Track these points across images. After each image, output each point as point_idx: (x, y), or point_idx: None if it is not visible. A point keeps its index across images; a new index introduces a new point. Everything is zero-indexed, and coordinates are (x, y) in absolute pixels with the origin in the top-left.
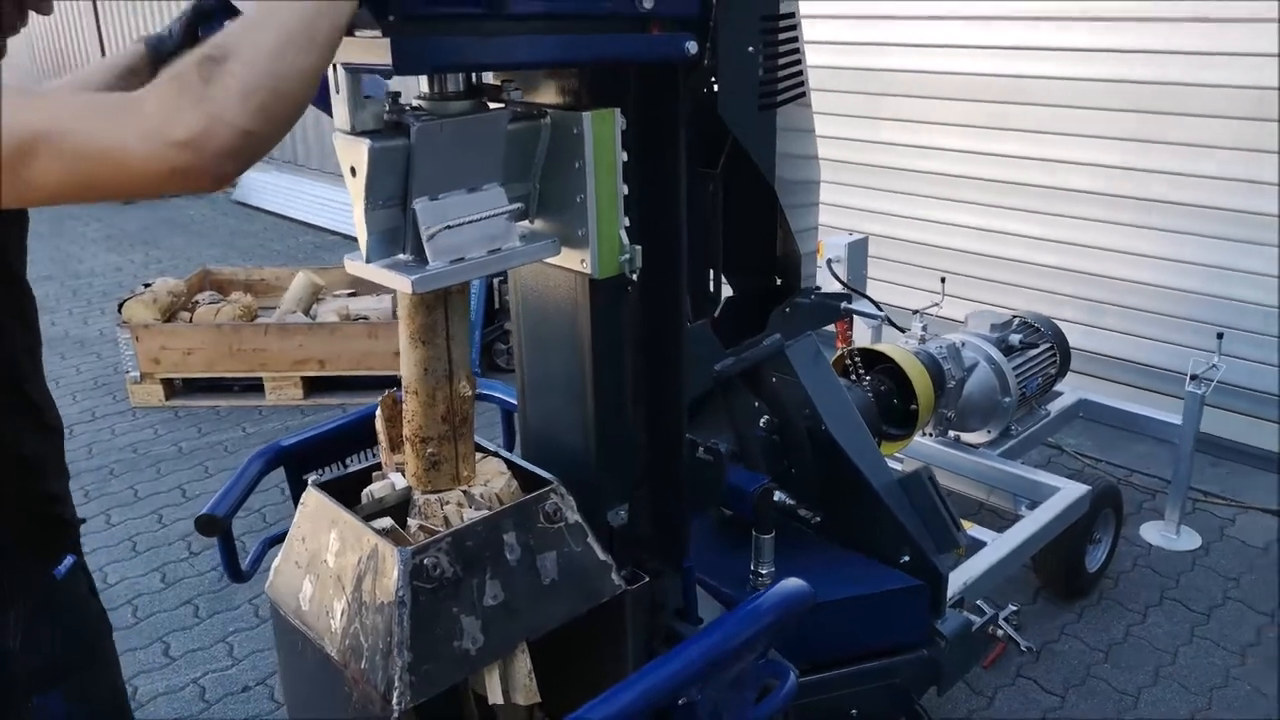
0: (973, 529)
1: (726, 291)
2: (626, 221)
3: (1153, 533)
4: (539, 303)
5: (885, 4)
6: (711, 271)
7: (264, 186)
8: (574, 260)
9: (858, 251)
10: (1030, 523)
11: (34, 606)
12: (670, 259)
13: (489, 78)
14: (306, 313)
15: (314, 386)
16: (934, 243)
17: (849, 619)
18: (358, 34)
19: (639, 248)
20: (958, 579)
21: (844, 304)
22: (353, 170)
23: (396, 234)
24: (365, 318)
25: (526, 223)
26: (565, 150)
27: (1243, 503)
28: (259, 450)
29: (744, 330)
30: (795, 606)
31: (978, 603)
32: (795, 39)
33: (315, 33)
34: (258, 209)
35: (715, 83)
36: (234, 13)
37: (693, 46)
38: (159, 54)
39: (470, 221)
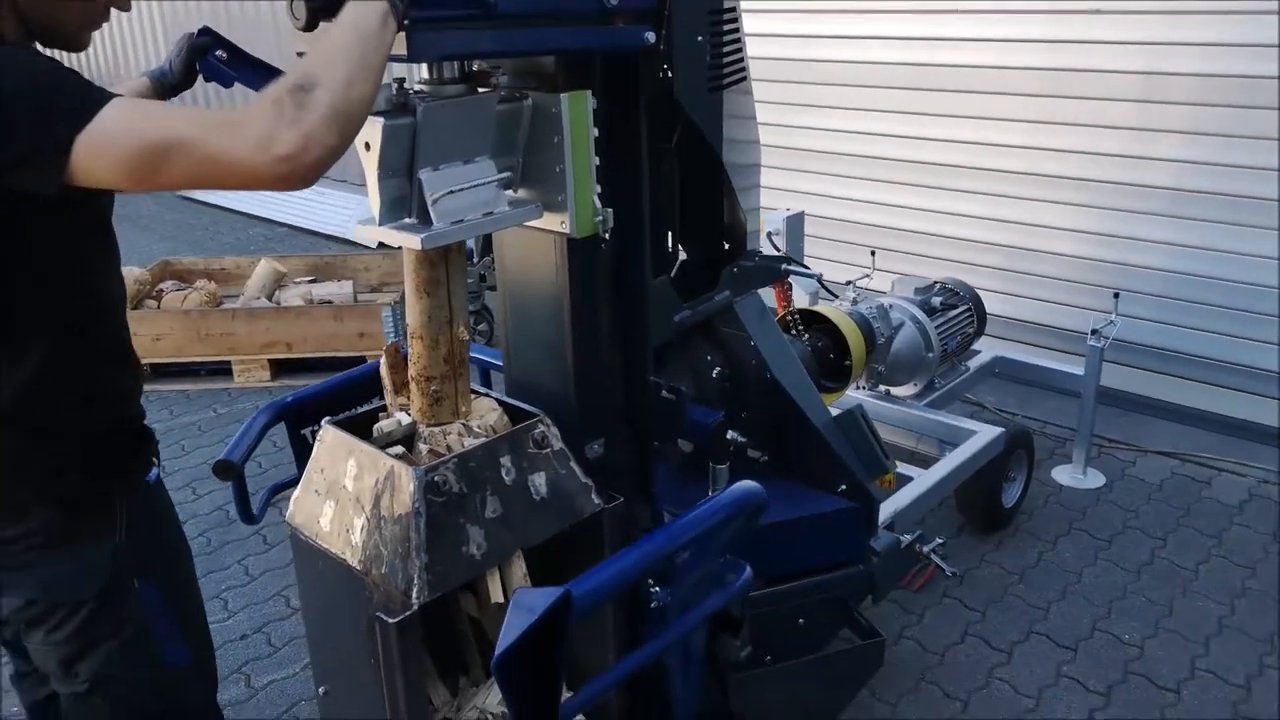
0: (902, 467)
1: (682, 255)
2: (598, 189)
3: (1063, 474)
4: (523, 262)
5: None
6: (670, 234)
7: None
8: (554, 222)
9: (795, 225)
10: (951, 459)
11: (134, 507)
12: (635, 222)
13: (480, 65)
14: (270, 298)
15: (281, 368)
16: (865, 220)
17: (796, 538)
18: None
19: (610, 210)
20: (888, 508)
21: (783, 266)
22: (367, 145)
23: (403, 201)
24: (329, 301)
25: (512, 191)
26: (545, 127)
27: (1142, 447)
28: (265, 406)
29: (698, 289)
30: (749, 502)
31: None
32: (737, 29)
33: (372, 65)
34: (203, 203)
35: (670, 68)
36: (224, 44)
37: (651, 36)
38: (163, 86)
39: (467, 188)
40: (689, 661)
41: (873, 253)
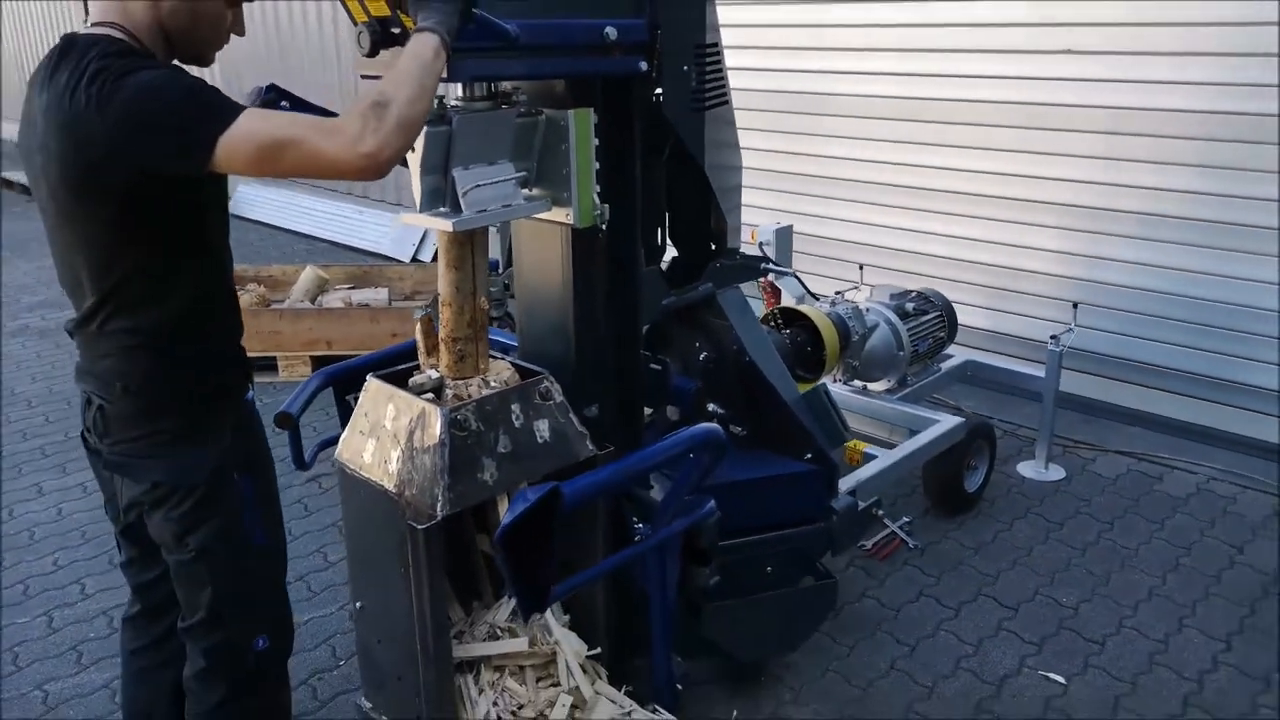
0: (869, 448)
1: (673, 252)
2: (598, 188)
3: (1027, 469)
4: (534, 249)
5: (817, 37)
6: (659, 230)
7: (256, 200)
8: (561, 215)
9: (783, 237)
10: (914, 441)
11: (236, 417)
12: (629, 217)
13: (504, 87)
14: (313, 302)
15: (321, 364)
16: (855, 239)
17: (767, 495)
18: None
19: (608, 205)
20: (853, 478)
21: (763, 264)
22: (413, 148)
23: (439, 193)
24: (366, 305)
25: (527, 189)
26: (555, 137)
27: (1103, 446)
28: (317, 371)
29: (685, 281)
30: (708, 437)
31: (879, 513)
32: (719, 60)
33: (428, 86)
34: (252, 220)
35: (660, 92)
36: (288, 96)
37: (643, 65)
38: None
39: (491, 184)
40: (665, 589)
41: (861, 267)
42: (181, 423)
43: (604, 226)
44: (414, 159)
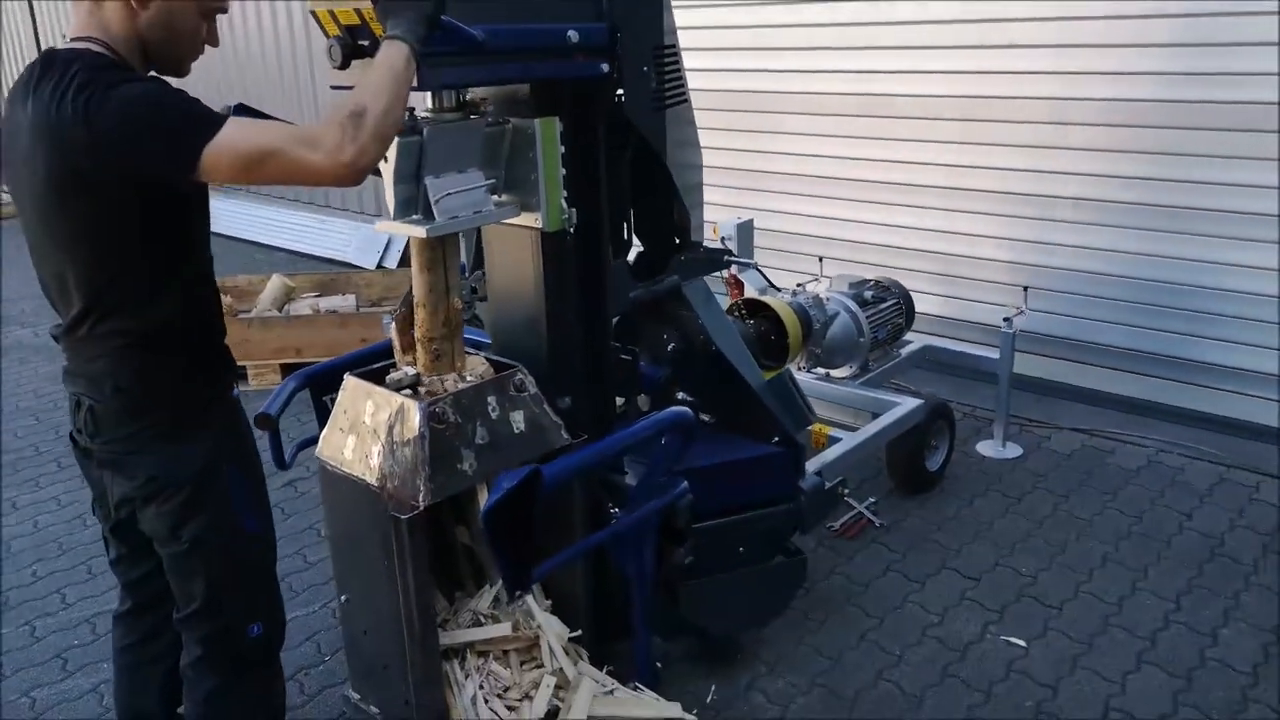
0: (834, 432)
1: (639, 247)
2: (565, 193)
3: (986, 448)
4: (505, 248)
5: (772, 37)
6: (625, 225)
7: (213, 211)
8: (530, 220)
9: (745, 231)
10: (876, 423)
11: (223, 412)
12: (595, 213)
13: (472, 96)
14: (281, 310)
15: (291, 372)
16: (813, 232)
17: (738, 478)
18: None
19: (575, 209)
20: (819, 459)
21: (725, 257)
22: (385, 158)
23: (413, 201)
24: (334, 311)
25: (497, 195)
26: (523, 145)
27: (1057, 424)
28: (295, 373)
29: (651, 273)
30: (678, 419)
31: (845, 494)
32: (676, 61)
33: (401, 95)
34: (214, 233)
35: (622, 93)
36: (254, 113)
37: (605, 67)
38: None
39: (462, 191)
40: (643, 570)
41: (820, 260)
42: (171, 419)
43: (572, 230)
44: (387, 169)
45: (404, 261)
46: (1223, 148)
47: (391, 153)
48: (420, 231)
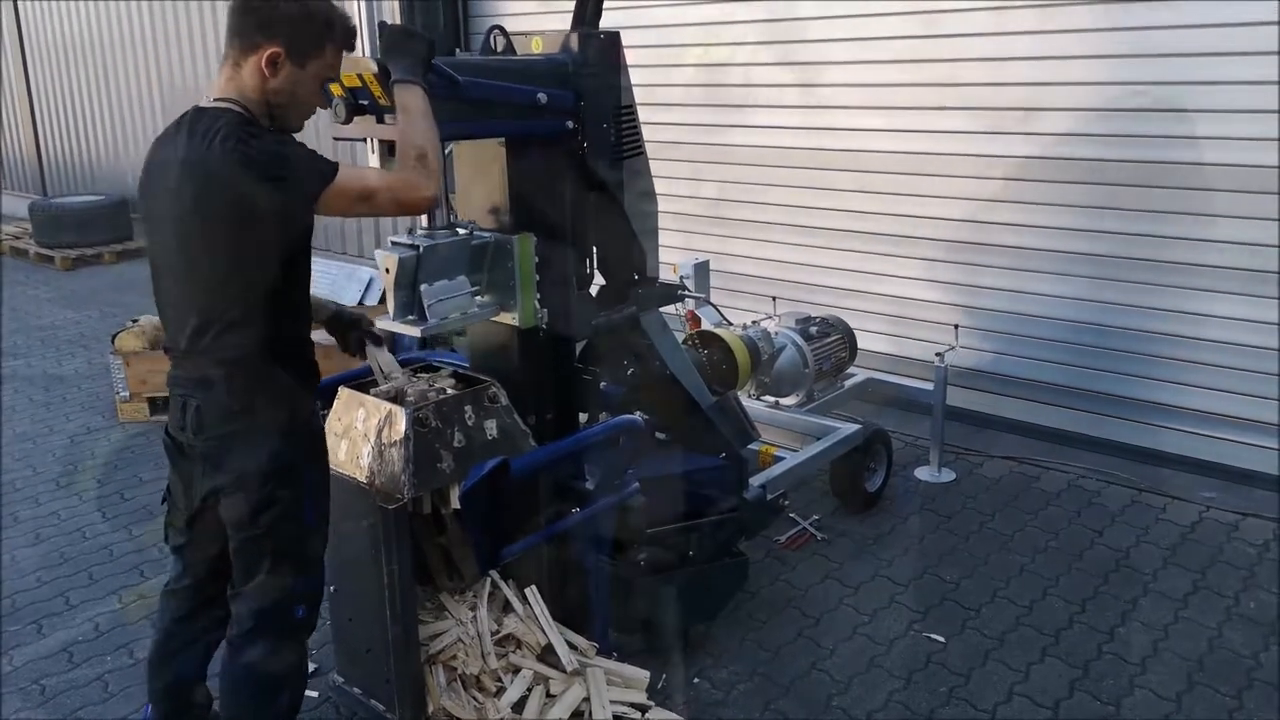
0: (779, 453)
1: (601, 280)
2: (539, 295)
3: (922, 473)
4: (486, 340)
5: (733, 94)
6: (588, 260)
7: None
8: (508, 318)
9: (702, 270)
10: (817, 445)
11: (306, 416)
12: (562, 248)
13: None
14: None
15: None
16: (764, 274)
17: (689, 488)
18: (388, 119)
19: (546, 309)
20: (764, 475)
21: (679, 291)
22: (387, 270)
23: (410, 304)
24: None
25: (480, 296)
26: (503, 256)
27: (988, 452)
28: None
29: (612, 303)
30: (627, 425)
31: (791, 515)
32: (633, 119)
33: (435, 129)
34: None
35: (585, 146)
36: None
37: (570, 124)
38: None
39: (451, 298)
40: (601, 567)
41: (774, 299)
42: (267, 421)
43: (544, 325)
44: (388, 279)
45: (383, 300)
46: (1137, 202)
47: (393, 266)
48: (416, 331)
